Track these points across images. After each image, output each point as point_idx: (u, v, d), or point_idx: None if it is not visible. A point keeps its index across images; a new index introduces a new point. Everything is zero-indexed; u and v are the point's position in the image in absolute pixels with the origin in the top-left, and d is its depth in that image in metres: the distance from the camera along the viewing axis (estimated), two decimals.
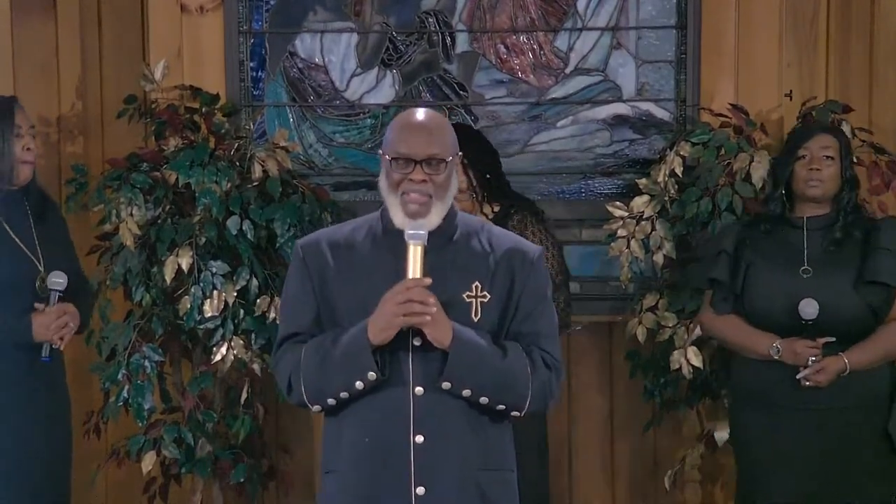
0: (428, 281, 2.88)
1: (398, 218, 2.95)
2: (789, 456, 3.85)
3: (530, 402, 2.98)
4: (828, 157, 3.89)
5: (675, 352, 4.26)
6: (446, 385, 2.91)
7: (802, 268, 3.86)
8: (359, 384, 2.92)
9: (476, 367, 2.92)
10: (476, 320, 2.96)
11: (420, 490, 2.92)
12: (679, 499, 4.63)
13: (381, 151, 3.00)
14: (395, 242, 2.95)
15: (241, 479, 4.35)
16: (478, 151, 4.09)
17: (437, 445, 2.93)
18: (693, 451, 4.47)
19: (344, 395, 2.95)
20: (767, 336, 3.85)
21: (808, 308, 3.76)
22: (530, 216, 4.12)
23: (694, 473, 4.54)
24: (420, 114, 2.99)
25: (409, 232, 2.90)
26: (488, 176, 4.11)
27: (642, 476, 4.78)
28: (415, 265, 2.89)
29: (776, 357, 3.82)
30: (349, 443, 2.98)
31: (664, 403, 4.49)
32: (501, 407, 2.98)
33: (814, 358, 3.76)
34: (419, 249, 2.89)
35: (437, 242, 2.95)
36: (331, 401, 2.97)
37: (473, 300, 2.97)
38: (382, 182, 2.99)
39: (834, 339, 3.78)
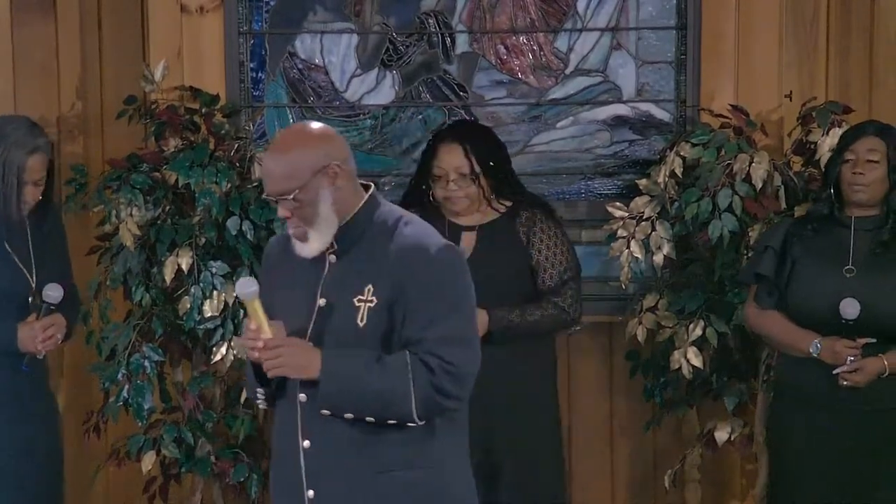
0: (269, 334, 2.89)
1: (296, 246, 2.99)
2: (825, 456, 3.81)
3: (418, 414, 2.90)
4: (872, 160, 3.82)
5: (675, 352, 4.26)
6: (325, 412, 2.92)
7: (846, 267, 3.82)
8: (259, 392, 3.05)
9: (350, 391, 2.88)
10: (361, 325, 2.93)
11: (311, 493, 2.97)
12: (679, 499, 4.63)
13: None
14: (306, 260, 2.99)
15: (241, 479, 4.35)
16: (486, 148, 4.08)
17: (323, 450, 2.95)
18: (693, 451, 4.47)
19: (258, 400, 3.08)
20: (809, 334, 3.82)
21: (850, 308, 3.71)
22: (540, 213, 4.11)
23: (694, 473, 4.54)
24: (271, 147, 3.01)
25: (238, 291, 2.92)
26: (492, 164, 4.08)
27: (642, 476, 4.78)
28: (256, 318, 2.91)
29: (816, 355, 3.79)
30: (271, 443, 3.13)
31: (664, 403, 4.49)
32: (391, 421, 2.92)
33: (852, 358, 3.73)
34: (256, 303, 2.91)
35: (340, 248, 2.96)
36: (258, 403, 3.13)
37: (363, 304, 2.93)
38: None
39: (875, 340, 3.75)
